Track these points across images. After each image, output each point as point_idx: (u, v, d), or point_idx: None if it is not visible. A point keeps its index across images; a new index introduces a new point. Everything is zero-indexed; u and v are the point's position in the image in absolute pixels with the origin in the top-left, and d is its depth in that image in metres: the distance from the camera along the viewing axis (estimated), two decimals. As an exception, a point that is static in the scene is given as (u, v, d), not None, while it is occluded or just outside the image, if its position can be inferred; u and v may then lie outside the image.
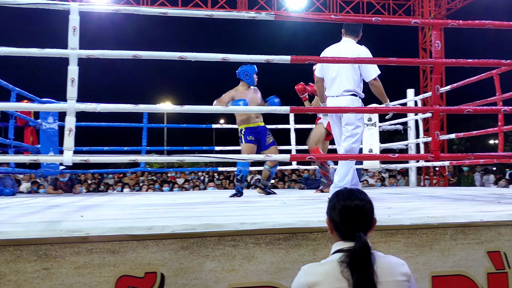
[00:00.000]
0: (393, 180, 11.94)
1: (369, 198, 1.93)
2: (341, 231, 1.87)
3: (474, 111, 4.31)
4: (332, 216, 1.90)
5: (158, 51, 3.83)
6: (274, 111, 3.84)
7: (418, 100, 8.62)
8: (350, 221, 1.86)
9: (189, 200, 5.52)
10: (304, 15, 4.30)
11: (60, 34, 3.85)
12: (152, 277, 2.38)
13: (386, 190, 8.33)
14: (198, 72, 59.54)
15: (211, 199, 5.52)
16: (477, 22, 4.13)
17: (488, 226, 2.81)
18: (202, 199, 5.66)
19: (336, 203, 1.91)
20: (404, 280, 1.83)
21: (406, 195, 5.61)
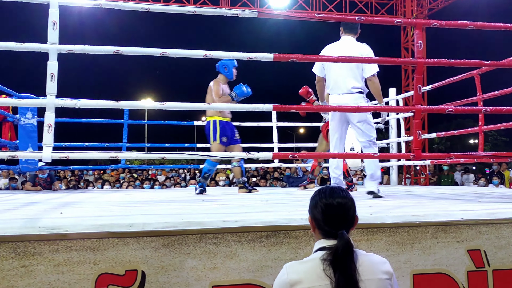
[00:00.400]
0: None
1: (351, 196, 1.93)
2: (323, 229, 1.87)
3: (455, 111, 4.34)
4: (314, 214, 1.90)
5: (140, 47, 3.80)
6: (257, 109, 3.82)
7: (399, 99, 8.69)
8: (332, 219, 1.86)
9: (170, 197, 5.48)
10: (287, 12, 4.29)
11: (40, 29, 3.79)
12: (132, 274, 2.36)
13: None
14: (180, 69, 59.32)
15: (193, 197, 5.50)
16: (459, 22, 4.16)
17: (469, 225, 2.84)
18: (183, 196, 5.63)
19: (318, 201, 1.91)
20: (386, 278, 1.83)
21: (387, 194, 5.63)
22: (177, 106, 3.75)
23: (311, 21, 4.32)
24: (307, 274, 1.78)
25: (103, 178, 13.17)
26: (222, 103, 5.96)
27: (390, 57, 4.56)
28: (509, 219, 2.92)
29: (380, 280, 1.82)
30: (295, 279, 1.78)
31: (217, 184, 12.07)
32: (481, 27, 4.16)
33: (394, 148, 8.93)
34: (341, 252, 1.76)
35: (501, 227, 2.88)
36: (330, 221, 1.85)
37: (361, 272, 1.76)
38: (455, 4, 14.60)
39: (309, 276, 1.77)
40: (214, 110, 5.95)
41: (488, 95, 5.93)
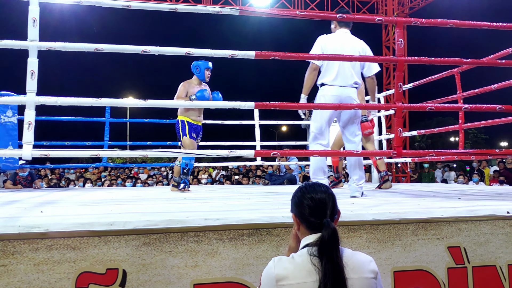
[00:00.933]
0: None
1: (331, 190, 1.95)
2: (309, 221, 1.88)
3: (436, 109, 4.38)
4: (299, 209, 1.92)
5: (121, 44, 3.77)
6: (239, 107, 3.82)
7: (381, 97, 8.74)
8: (317, 209, 1.87)
9: (152, 196, 5.46)
10: (269, 10, 4.30)
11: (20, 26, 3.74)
12: (113, 273, 2.35)
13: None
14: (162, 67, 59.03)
15: (174, 195, 5.48)
16: (439, 20, 4.19)
17: (449, 222, 2.87)
18: (165, 195, 5.60)
19: (301, 196, 1.93)
20: (372, 277, 1.84)
21: (368, 191, 5.67)
22: (158, 104, 3.74)
23: (293, 19, 4.33)
24: (294, 271, 1.78)
25: (84, 177, 13.06)
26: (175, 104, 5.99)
27: (372, 55, 4.60)
28: (488, 216, 2.95)
29: (366, 279, 1.82)
30: (282, 275, 1.78)
31: (199, 182, 12.05)
32: (461, 26, 4.20)
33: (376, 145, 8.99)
34: (327, 240, 1.77)
35: (481, 224, 2.91)
36: (315, 212, 1.87)
37: (348, 270, 1.77)
38: (436, 3, 14.73)
39: (295, 272, 1.78)
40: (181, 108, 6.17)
41: (468, 93, 6.00)
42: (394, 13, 14.32)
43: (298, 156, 9.02)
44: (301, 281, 1.75)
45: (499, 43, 5.51)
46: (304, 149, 9.15)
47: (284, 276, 1.78)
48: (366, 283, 1.82)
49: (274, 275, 1.79)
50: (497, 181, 11.63)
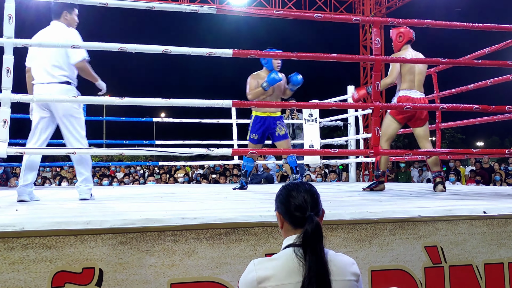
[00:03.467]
0: (334, 175, 12.15)
1: (315, 188, 1.95)
2: (294, 216, 1.86)
3: (413, 108, 4.42)
4: (284, 205, 1.91)
5: (98, 42, 3.73)
6: (216, 105, 3.80)
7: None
8: (302, 203, 1.86)
9: (128, 194, 5.41)
10: (246, 9, 4.29)
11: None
12: (90, 272, 2.31)
13: (327, 185, 8.46)
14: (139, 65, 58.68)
15: (152, 194, 5.44)
16: (416, 20, 4.23)
17: (426, 221, 2.88)
18: (142, 193, 5.56)
19: (285, 193, 1.93)
20: (354, 280, 1.83)
21: (346, 190, 5.69)
22: (135, 102, 3.70)
23: (271, 18, 4.33)
24: (276, 271, 1.76)
25: (61, 175, 12.91)
26: (252, 97, 5.78)
27: (349, 54, 4.61)
28: (465, 216, 2.97)
29: (348, 282, 1.81)
30: (264, 276, 1.76)
31: (176, 181, 11.99)
32: (437, 26, 4.24)
33: (353, 145, 9.04)
34: (311, 233, 1.76)
35: (457, 224, 2.93)
36: (300, 207, 1.85)
37: (331, 272, 1.75)
38: (413, 3, 14.89)
39: (278, 273, 1.75)
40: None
41: (445, 93, 6.06)
42: (371, 12, 14.43)
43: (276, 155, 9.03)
44: (284, 282, 1.73)
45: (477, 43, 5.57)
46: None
47: (266, 278, 1.75)
48: (348, 286, 1.81)
49: (255, 278, 1.76)
50: (474, 181, 11.79)
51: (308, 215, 1.82)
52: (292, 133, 9.57)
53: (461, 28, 4.31)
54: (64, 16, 4.60)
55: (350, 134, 8.97)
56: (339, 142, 9.68)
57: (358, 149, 8.76)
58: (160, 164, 10.60)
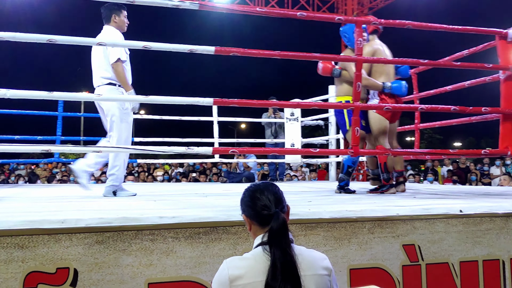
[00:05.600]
0: (314, 174, 12.19)
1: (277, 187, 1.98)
2: (261, 216, 1.87)
3: (392, 108, 4.43)
4: (249, 207, 1.92)
5: (76, 37, 3.67)
6: (197, 103, 3.77)
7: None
8: (265, 201, 1.88)
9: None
10: (229, 6, 4.25)
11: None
12: (64, 272, 2.27)
13: (308, 184, 8.48)
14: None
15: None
16: (398, 21, 4.25)
17: (404, 220, 2.90)
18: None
19: (247, 195, 1.96)
20: (326, 274, 1.84)
21: (326, 190, 5.70)
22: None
23: (255, 16, 4.31)
24: (248, 269, 1.76)
25: (35, 173, 12.74)
26: (366, 83, 4.83)
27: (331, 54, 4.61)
28: (442, 215, 3.00)
29: (320, 276, 1.82)
30: (236, 275, 1.76)
31: (155, 180, 11.91)
32: (419, 27, 4.27)
33: (333, 144, 9.08)
34: (276, 229, 1.79)
35: (435, 222, 2.96)
36: (265, 205, 1.87)
37: (301, 267, 1.76)
38: (395, 4, 14.98)
39: (250, 271, 1.76)
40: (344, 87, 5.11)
41: (424, 94, 6.10)
42: (354, 12, 14.48)
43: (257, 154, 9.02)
44: (255, 279, 1.74)
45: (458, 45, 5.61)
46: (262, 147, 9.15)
47: (238, 276, 1.76)
48: (320, 280, 1.81)
49: (228, 276, 1.77)
50: (451, 180, 11.94)
51: (274, 211, 1.84)
52: (274, 132, 9.58)
53: (441, 30, 4.34)
54: (113, 20, 4.84)
55: (330, 133, 9.00)
56: (320, 141, 9.70)
57: (339, 149, 8.79)
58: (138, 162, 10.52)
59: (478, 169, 12.93)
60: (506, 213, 3.14)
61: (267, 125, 9.75)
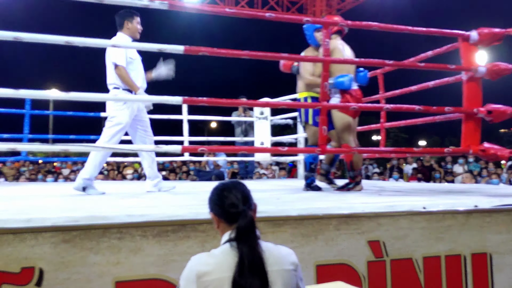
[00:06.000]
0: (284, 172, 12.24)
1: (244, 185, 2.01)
2: (229, 213, 1.90)
3: (359, 108, 4.50)
4: (217, 205, 1.95)
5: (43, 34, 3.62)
6: (166, 102, 3.77)
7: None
8: (233, 200, 1.90)
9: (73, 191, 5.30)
10: (198, 6, 4.26)
11: None
12: (29, 272, 2.25)
13: (277, 182, 8.53)
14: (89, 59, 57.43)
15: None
16: (364, 23, 4.31)
17: (369, 217, 2.96)
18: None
19: (215, 193, 1.99)
20: (292, 269, 1.88)
21: (294, 187, 5.75)
22: (82, 97, 3.63)
23: (225, 16, 4.33)
24: (216, 266, 1.78)
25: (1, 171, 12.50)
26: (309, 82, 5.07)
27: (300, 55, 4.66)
28: (406, 212, 3.07)
29: (286, 271, 1.85)
30: (203, 271, 1.78)
31: (124, 178, 11.81)
32: (385, 29, 4.34)
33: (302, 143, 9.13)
34: (243, 227, 1.82)
35: (399, 219, 3.02)
36: (232, 203, 1.90)
37: (268, 263, 1.79)
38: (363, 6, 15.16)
39: (217, 267, 1.78)
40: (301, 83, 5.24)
41: (390, 94, 6.19)
42: (322, 14, 14.60)
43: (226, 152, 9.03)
44: (223, 275, 1.76)
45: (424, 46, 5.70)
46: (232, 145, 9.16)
47: (206, 272, 1.78)
48: (286, 275, 1.85)
49: (195, 273, 1.79)
50: (416, 178, 12.15)
51: (241, 209, 1.87)
52: (244, 130, 9.60)
53: (407, 31, 4.43)
54: (126, 26, 4.98)
55: (299, 132, 9.05)
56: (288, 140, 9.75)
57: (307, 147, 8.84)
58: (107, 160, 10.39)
59: (442, 167, 13.18)
60: (468, 209, 3.23)
61: (237, 124, 9.76)
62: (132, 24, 4.97)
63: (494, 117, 4.45)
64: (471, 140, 4.43)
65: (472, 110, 4.40)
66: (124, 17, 4.95)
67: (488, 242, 3.20)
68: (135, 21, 4.99)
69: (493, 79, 4.52)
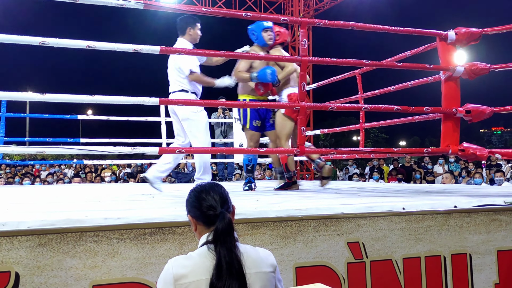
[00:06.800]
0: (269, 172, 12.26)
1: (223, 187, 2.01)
2: (206, 216, 1.90)
3: (337, 108, 4.52)
4: (195, 207, 1.95)
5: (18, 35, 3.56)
6: (142, 103, 3.73)
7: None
8: (211, 202, 1.90)
9: (51, 194, 5.23)
10: (174, 6, 4.22)
11: None
12: (5, 276, 2.21)
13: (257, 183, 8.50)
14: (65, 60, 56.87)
15: (75, 193, 5.29)
16: (342, 22, 4.31)
17: (348, 218, 2.95)
18: (64, 193, 5.39)
19: (193, 195, 1.98)
20: (270, 271, 1.88)
21: (274, 188, 5.74)
22: (57, 98, 3.57)
23: (203, 16, 4.31)
24: (193, 268, 1.78)
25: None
26: (236, 78, 5.30)
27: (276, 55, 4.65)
28: (385, 212, 3.07)
29: (265, 273, 1.85)
30: (181, 273, 1.77)
31: (103, 181, 11.71)
32: (362, 28, 4.34)
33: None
34: (221, 229, 1.81)
35: (378, 220, 3.02)
36: (210, 205, 1.90)
37: (247, 266, 1.79)
38: (340, 6, 15.24)
39: (195, 270, 1.77)
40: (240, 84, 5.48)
41: (369, 94, 6.22)
42: (300, 14, 14.64)
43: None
44: (200, 278, 1.76)
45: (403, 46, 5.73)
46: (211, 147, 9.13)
47: (183, 275, 1.77)
48: (265, 277, 1.85)
49: (172, 275, 1.78)
50: (396, 178, 12.23)
51: (219, 212, 1.87)
52: (224, 131, 9.58)
53: (384, 31, 4.44)
54: (188, 32, 5.18)
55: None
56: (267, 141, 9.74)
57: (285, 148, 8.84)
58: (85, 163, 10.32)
59: (422, 168, 13.29)
60: (447, 210, 3.23)
61: (216, 125, 9.74)
62: (194, 31, 5.18)
63: (473, 117, 4.48)
64: (450, 140, 4.45)
65: (451, 110, 4.42)
66: (187, 23, 5.15)
67: (468, 243, 3.21)
68: (197, 28, 5.19)
69: (471, 79, 4.55)
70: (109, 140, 8.43)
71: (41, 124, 36.39)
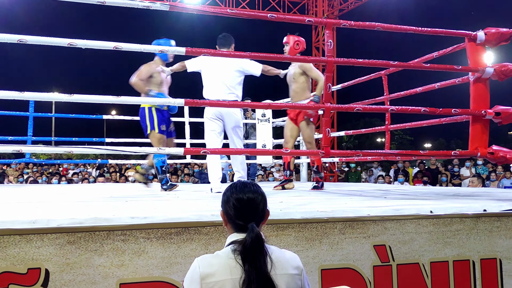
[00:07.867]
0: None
1: (262, 190, 1.96)
2: (235, 223, 1.89)
3: (363, 110, 4.47)
4: (226, 209, 1.92)
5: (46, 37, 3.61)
6: (168, 103, 3.76)
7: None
8: (243, 213, 1.88)
9: (77, 193, 5.29)
10: (199, 7, 4.26)
11: None
12: (35, 273, 2.25)
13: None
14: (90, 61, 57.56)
15: (101, 193, 5.34)
16: (368, 23, 4.28)
17: (375, 221, 2.92)
18: (91, 192, 5.45)
19: (229, 196, 1.93)
20: (296, 273, 1.87)
21: (297, 190, 5.73)
22: (84, 99, 3.61)
23: (226, 17, 4.32)
24: (219, 267, 1.78)
25: (6, 173, 12.51)
26: (134, 83, 5.36)
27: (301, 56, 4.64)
28: (412, 215, 3.03)
29: (291, 276, 1.85)
30: (207, 272, 1.78)
31: (127, 180, 11.81)
32: (388, 29, 4.30)
33: (304, 145, 9.11)
34: (250, 245, 1.78)
35: (405, 223, 2.98)
36: (241, 215, 1.88)
37: (273, 267, 1.79)
38: (365, 6, 15.15)
39: (221, 269, 1.78)
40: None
41: (395, 95, 6.15)
42: (324, 14, 14.58)
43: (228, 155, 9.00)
44: (226, 278, 1.76)
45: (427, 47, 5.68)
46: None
47: (210, 274, 1.78)
48: (291, 280, 1.85)
49: (199, 274, 1.79)
50: (421, 181, 12.07)
51: (249, 225, 1.84)
52: (246, 132, 9.58)
53: (411, 32, 4.39)
54: (231, 48, 5.62)
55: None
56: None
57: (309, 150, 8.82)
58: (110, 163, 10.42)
59: (448, 170, 13.09)
60: (476, 213, 3.17)
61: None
62: (232, 48, 5.63)
63: (502, 119, 4.38)
64: (479, 142, 4.37)
65: (480, 112, 4.34)
66: (232, 40, 5.62)
67: (498, 247, 3.15)
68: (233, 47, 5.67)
69: (501, 80, 4.45)
70: (133, 140, 8.50)
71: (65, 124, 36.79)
